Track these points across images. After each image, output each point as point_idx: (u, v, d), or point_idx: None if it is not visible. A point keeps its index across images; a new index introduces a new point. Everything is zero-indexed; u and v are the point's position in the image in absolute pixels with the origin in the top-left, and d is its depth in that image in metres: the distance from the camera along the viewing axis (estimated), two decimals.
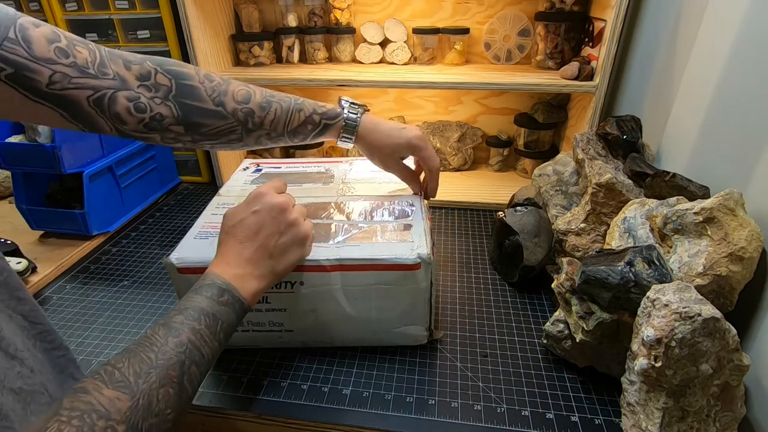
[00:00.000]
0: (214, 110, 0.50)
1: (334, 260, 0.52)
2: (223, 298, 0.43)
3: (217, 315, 0.42)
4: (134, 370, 0.35)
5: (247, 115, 0.52)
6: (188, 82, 0.49)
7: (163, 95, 0.47)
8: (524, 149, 1.06)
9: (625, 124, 0.69)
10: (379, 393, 0.53)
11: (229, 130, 0.51)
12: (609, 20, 0.77)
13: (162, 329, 0.39)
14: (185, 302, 0.42)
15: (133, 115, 0.45)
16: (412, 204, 0.62)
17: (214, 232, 0.57)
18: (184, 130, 0.49)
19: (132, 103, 0.44)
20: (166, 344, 0.37)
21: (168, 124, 0.47)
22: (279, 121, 0.54)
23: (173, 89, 0.48)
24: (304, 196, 0.64)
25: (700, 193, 0.55)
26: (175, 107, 0.48)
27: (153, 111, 0.46)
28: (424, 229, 0.56)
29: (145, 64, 0.46)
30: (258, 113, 0.53)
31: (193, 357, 0.39)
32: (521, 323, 0.64)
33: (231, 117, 0.51)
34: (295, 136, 0.56)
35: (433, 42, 1.00)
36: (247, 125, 0.52)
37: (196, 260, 0.53)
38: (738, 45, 0.54)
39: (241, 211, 0.49)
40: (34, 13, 0.98)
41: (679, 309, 0.41)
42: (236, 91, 0.52)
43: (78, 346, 0.61)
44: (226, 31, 1.00)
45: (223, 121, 0.51)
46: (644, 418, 0.45)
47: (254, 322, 0.56)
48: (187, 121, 0.48)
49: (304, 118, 0.56)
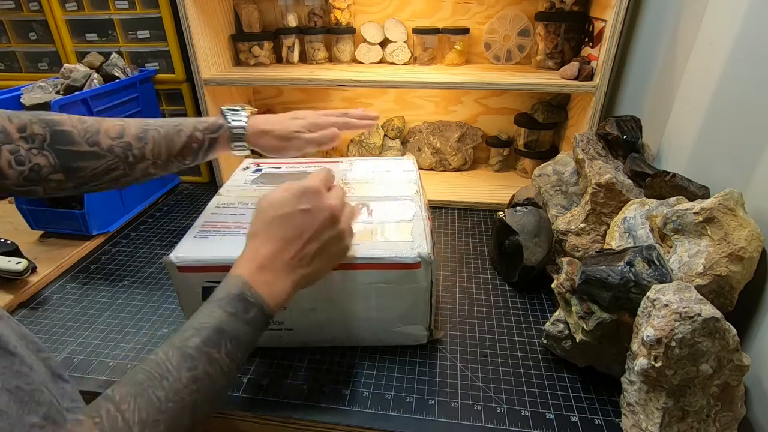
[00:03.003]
0: (89, 151, 0.50)
1: None
2: (249, 315, 0.39)
3: (240, 337, 0.38)
4: (140, 417, 0.31)
5: (126, 150, 0.52)
6: (60, 127, 0.49)
7: (39, 145, 0.47)
8: (524, 149, 1.06)
9: (625, 124, 0.69)
10: (379, 393, 0.53)
11: (109, 168, 0.51)
12: (609, 20, 0.77)
13: (175, 355, 0.35)
14: (204, 317, 0.38)
15: (13, 168, 0.46)
16: (413, 204, 0.62)
17: (214, 231, 0.57)
18: (64, 176, 0.49)
19: (13, 156, 0.45)
20: (179, 379, 0.34)
21: (47, 174, 0.48)
22: (160, 148, 0.54)
23: (47, 137, 0.48)
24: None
25: (700, 193, 0.55)
26: (52, 155, 0.48)
27: (31, 162, 0.46)
28: (425, 229, 0.56)
29: (22, 116, 0.47)
30: (136, 145, 0.52)
31: (207, 394, 0.35)
32: (521, 323, 0.64)
33: (108, 154, 0.51)
34: (184, 158, 0.55)
35: (433, 42, 1.00)
36: (128, 159, 0.52)
37: (196, 259, 0.53)
38: (738, 45, 0.54)
39: (286, 202, 0.43)
40: (34, 13, 0.98)
41: (679, 309, 0.41)
42: (109, 128, 0.52)
43: (78, 346, 0.61)
44: (226, 31, 1.00)
45: (101, 161, 0.50)
46: (644, 418, 0.45)
47: None
48: (65, 166, 0.49)
49: (186, 139, 0.55)
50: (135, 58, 0.98)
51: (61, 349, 0.60)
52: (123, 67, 0.92)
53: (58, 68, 0.95)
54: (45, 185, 0.48)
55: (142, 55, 0.98)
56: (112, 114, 0.88)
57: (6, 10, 0.99)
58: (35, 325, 0.64)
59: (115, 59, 0.91)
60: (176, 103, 1.02)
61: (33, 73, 1.06)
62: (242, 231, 0.57)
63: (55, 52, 1.01)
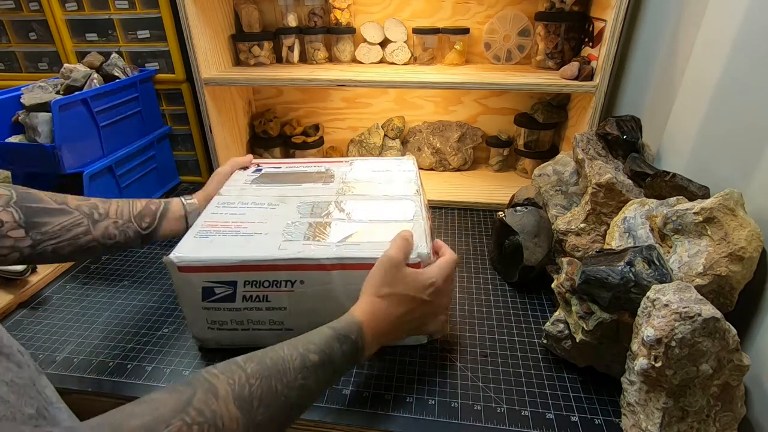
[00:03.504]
0: (57, 208, 0.52)
1: (335, 259, 0.52)
2: (355, 357, 0.44)
3: (337, 373, 0.43)
4: (261, 396, 0.36)
5: (92, 208, 0.55)
6: (28, 190, 0.52)
7: (4, 203, 0.49)
8: (524, 149, 1.06)
9: (625, 124, 0.69)
10: (379, 393, 0.53)
11: (74, 224, 0.53)
12: (609, 20, 0.77)
13: (297, 360, 0.40)
14: (324, 342, 0.42)
15: None
16: (413, 204, 0.62)
17: (214, 231, 0.57)
18: (24, 233, 0.50)
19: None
20: (294, 383, 0.39)
21: (7, 230, 0.49)
22: (123, 208, 0.58)
23: (14, 196, 0.50)
24: (304, 195, 0.64)
25: (700, 193, 0.55)
26: (17, 211, 0.50)
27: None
28: (425, 229, 0.56)
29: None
30: (101, 205, 0.56)
31: (301, 406, 0.40)
32: (521, 323, 0.64)
33: (75, 211, 0.54)
34: (142, 219, 0.59)
35: (433, 42, 1.00)
36: (93, 216, 0.55)
37: (197, 259, 0.52)
38: (738, 45, 0.54)
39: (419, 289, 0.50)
40: (34, 13, 0.98)
41: (679, 309, 0.41)
42: (76, 196, 0.56)
43: (78, 346, 0.61)
44: (226, 31, 1.00)
45: (67, 216, 0.53)
46: (644, 418, 0.45)
47: (254, 321, 0.56)
48: (30, 221, 0.50)
49: (146, 202, 0.61)
50: (135, 58, 0.98)
51: (61, 349, 0.60)
52: (123, 67, 0.92)
53: (58, 68, 0.95)
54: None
55: (142, 55, 0.98)
56: (112, 114, 0.88)
57: (6, 10, 0.99)
58: (35, 325, 0.64)
59: (115, 59, 0.91)
60: (176, 103, 1.02)
61: (33, 73, 1.06)
62: (242, 231, 0.57)
63: (55, 52, 1.01)
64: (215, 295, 0.54)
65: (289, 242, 0.54)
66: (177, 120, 1.04)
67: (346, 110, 1.15)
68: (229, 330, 0.57)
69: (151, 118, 0.99)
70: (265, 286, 0.54)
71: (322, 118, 1.17)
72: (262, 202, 0.63)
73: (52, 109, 0.74)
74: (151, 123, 0.99)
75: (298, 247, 0.53)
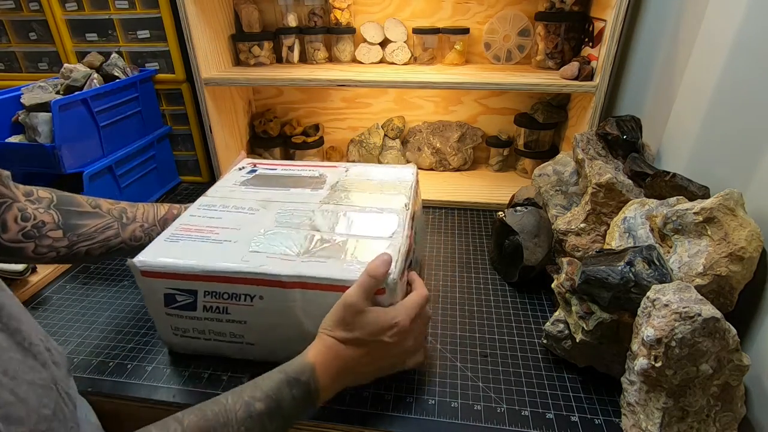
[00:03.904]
0: (91, 211, 0.57)
1: (295, 276, 0.49)
2: (309, 400, 0.43)
3: (290, 419, 0.43)
4: None
5: (121, 212, 0.60)
6: (66, 193, 0.57)
7: (46, 205, 0.54)
8: (524, 149, 1.06)
9: (625, 124, 0.69)
10: (379, 393, 0.53)
11: (106, 227, 0.58)
12: (609, 20, 0.77)
13: (241, 410, 0.39)
14: (273, 388, 0.42)
15: (17, 224, 0.51)
16: (396, 219, 0.58)
17: (186, 235, 0.56)
18: (62, 233, 0.54)
19: (21, 212, 0.51)
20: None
21: (48, 230, 0.53)
22: (148, 212, 0.62)
23: (54, 200, 0.55)
24: (288, 201, 0.62)
25: (700, 193, 0.55)
26: (57, 214, 0.54)
27: (36, 219, 0.52)
28: (400, 249, 0.52)
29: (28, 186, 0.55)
30: (129, 209, 0.61)
31: None
32: (521, 323, 0.64)
33: (107, 215, 0.58)
34: (165, 223, 0.62)
35: (433, 42, 1.00)
36: (122, 219, 0.59)
37: (160, 265, 0.51)
38: (738, 45, 0.54)
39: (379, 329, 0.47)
40: (34, 13, 0.98)
41: (679, 309, 0.41)
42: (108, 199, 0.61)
43: (78, 346, 0.61)
44: (226, 31, 1.00)
45: (100, 219, 0.57)
46: (644, 418, 0.45)
47: (215, 332, 0.54)
48: (67, 223, 0.55)
49: (169, 207, 0.64)
50: (135, 58, 0.98)
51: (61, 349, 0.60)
52: (123, 67, 0.92)
53: (58, 68, 0.95)
54: (38, 242, 0.53)
55: (142, 55, 0.98)
56: (112, 114, 0.88)
57: (6, 10, 0.99)
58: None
59: (115, 59, 0.91)
60: (176, 103, 1.02)
61: (33, 73, 1.06)
62: (212, 237, 0.55)
63: (55, 52, 1.01)
64: (177, 302, 0.52)
65: (254, 254, 0.52)
66: (177, 120, 1.04)
67: (346, 110, 1.15)
68: (192, 338, 0.55)
69: (151, 118, 0.99)
70: (225, 298, 0.51)
71: (322, 118, 1.17)
72: (243, 206, 0.61)
73: (52, 109, 0.74)
74: (151, 123, 0.99)
75: (261, 260, 0.51)
